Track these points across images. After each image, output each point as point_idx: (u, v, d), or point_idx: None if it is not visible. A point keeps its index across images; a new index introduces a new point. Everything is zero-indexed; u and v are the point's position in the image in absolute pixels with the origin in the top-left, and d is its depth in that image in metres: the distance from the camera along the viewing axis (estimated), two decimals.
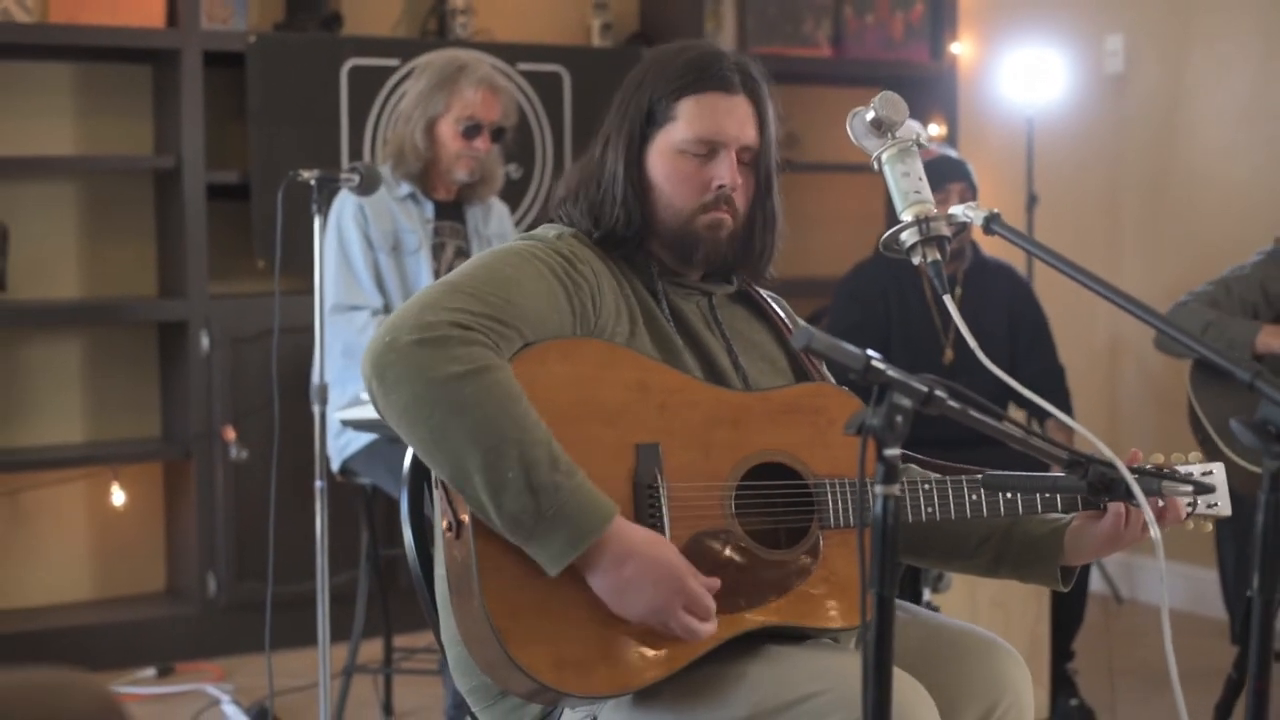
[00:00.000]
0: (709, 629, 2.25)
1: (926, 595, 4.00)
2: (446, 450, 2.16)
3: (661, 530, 2.29)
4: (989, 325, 4.57)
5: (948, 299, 2.20)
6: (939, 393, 1.90)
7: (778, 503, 2.38)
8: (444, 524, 2.27)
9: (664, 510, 2.29)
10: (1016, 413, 4.89)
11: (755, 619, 2.32)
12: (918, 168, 2.25)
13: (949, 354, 4.56)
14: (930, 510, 2.40)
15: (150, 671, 4.97)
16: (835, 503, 2.38)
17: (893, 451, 1.86)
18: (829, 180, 6.50)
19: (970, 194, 4.47)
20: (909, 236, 2.21)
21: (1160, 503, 2.32)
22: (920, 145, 2.28)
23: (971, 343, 2.16)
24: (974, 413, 1.99)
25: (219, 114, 5.33)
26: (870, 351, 1.85)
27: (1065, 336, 5.10)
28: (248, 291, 5.37)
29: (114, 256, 5.36)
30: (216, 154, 5.30)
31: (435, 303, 2.20)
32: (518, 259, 2.33)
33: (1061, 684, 4.46)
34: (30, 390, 5.22)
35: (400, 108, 4.32)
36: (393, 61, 5.39)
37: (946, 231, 2.21)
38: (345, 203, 4.24)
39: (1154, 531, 2.01)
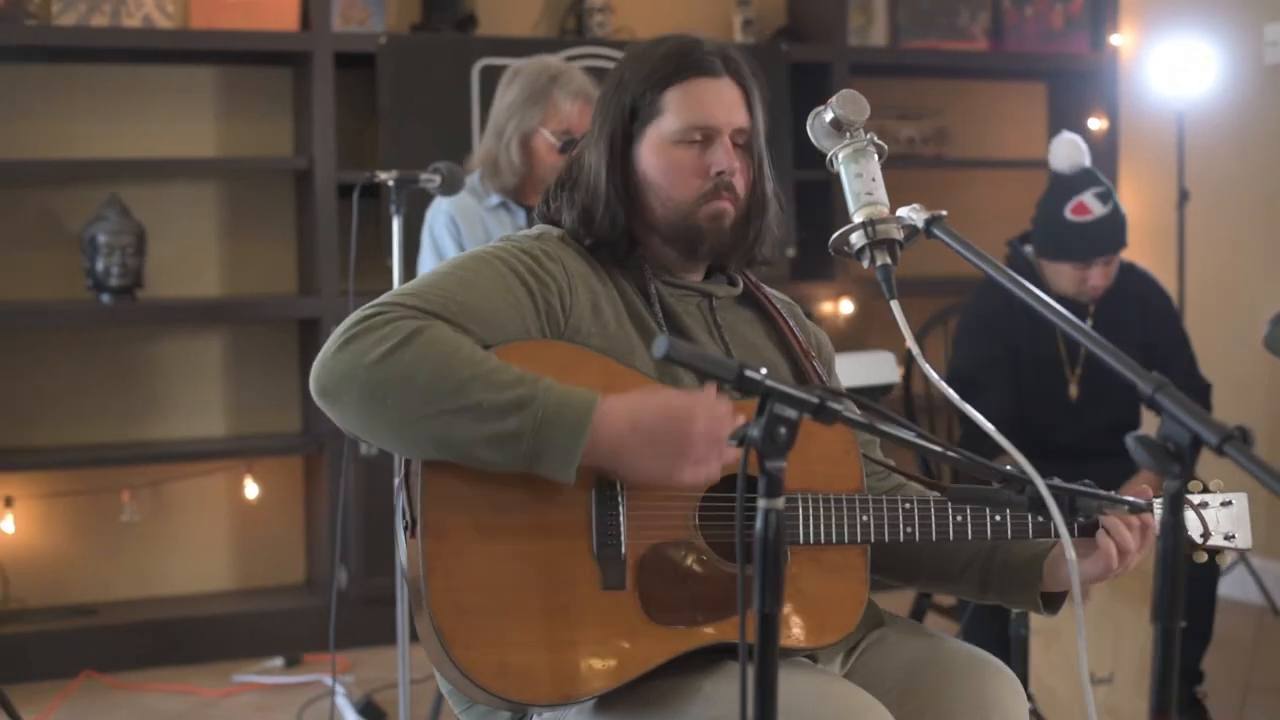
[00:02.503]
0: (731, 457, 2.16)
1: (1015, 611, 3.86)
2: (415, 422, 2.11)
3: (618, 540, 2.24)
4: (1121, 341, 4.33)
5: (895, 305, 2.11)
6: (831, 404, 1.82)
7: (746, 519, 2.30)
8: (404, 522, 2.25)
9: (621, 515, 2.23)
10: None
11: (712, 633, 2.26)
12: (871, 168, 2.18)
13: (1074, 390, 4.32)
14: (910, 530, 2.31)
15: (278, 661, 5.06)
16: (806, 518, 2.30)
17: (775, 464, 1.80)
18: (983, 176, 6.34)
19: (1117, 257, 4.23)
20: (857, 239, 2.13)
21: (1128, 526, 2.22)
22: (876, 145, 2.19)
23: (924, 367, 2.07)
24: (882, 426, 1.91)
25: (353, 115, 5.41)
26: (748, 362, 1.78)
27: (1221, 348, 4.88)
28: (380, 289, 5.42)
29: (254, 255, 5.48)
30: (350, 154, 5.37)
31: (367, 306, 2.19)
32: (476, 261, 2.29)
33: (1188, 710, 4.25)
34: (173, 385, 5.36)
35: (492, 119, 4.22)
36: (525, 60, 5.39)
37: (898, 235, 2.13)
38: (436, 214, 4.21)
39: (1069, 552, 1.89)
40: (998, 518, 2.31)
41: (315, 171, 5.22)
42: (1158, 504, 2.38)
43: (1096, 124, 6.16)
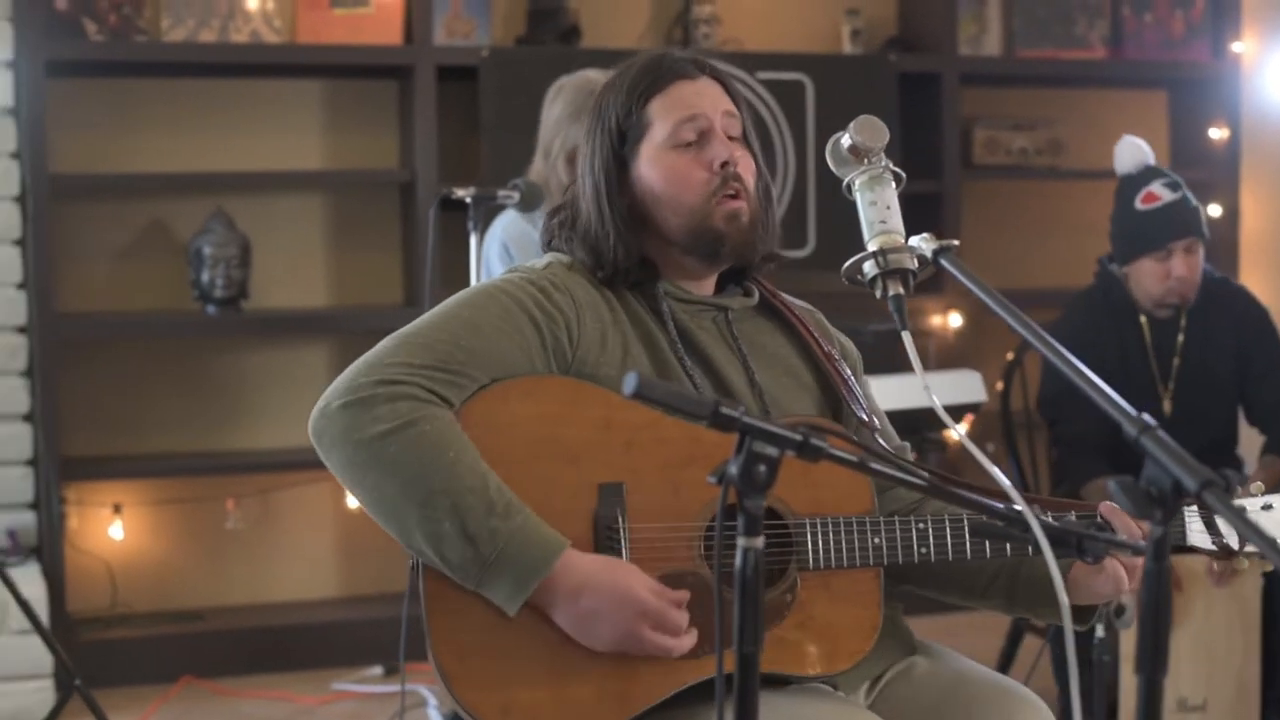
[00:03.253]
0: (684, 644, 2.19)
1: (1099, 631, 3.77)
2: (384, 509, 2.17)
3: None
4: (1213, 359, 4.22)
5: (905, 336, 2.08)
6: (815, 441, 1.79)
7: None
8: (410, 561, 2.27)
9: (624, 551, 2.23)
10: (1250, 451, 4.53)
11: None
12: (887, 195, 2.14)
13: (1166, 405, 4.21)
14: (924, 551, 2.29)
15: (377, 670, 5.11)
16: (815, 543, 2.27)
17: (754, 502, 1.77)
18: (1100, 188, 6.19)
19: (1198, 244, 4.13)
20: (870, 268, 2.09)
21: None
22: (893, 172, 2.15)
23: (921, 379, 2.03)
24: (874, 464, 1.87)
25: (457, 127, 5.44)
26: (722, 399, 1.75)
27: None
28: None
29: (360, 267, 5.54)
30: (453, 167, 5.41)
31: (375, 360, 2.22)
32: (482, 298, 2.30)
33: None
34: (278, 395, 5.43)
35: (540, 138, 4.17)
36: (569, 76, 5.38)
37: (911, 264, 2.09)
38: (491, 242, 4.17)
39: (1061, 597, 1.84)
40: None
41: (417, 184, 5.26)
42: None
43: (1217, 133, 6.01)
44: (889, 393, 4.22)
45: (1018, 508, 1.88)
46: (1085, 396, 4.11)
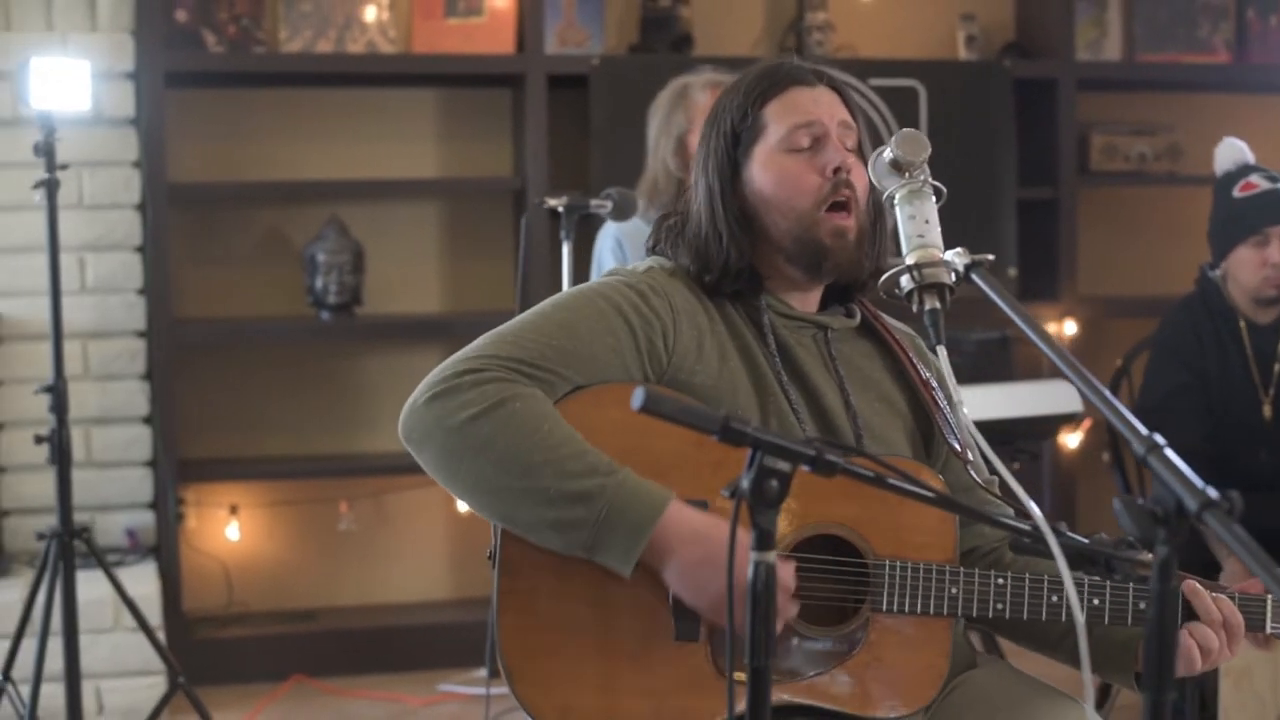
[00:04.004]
0: (791, 609, 2.17)
1: None
2: (486, 492, 2.17)
3: None
4: None
5: (941, 350, 2.07)
6: (830, 456, 1.79)
7: (831, 578, 2.28)
8: (489, 552, 2.29)
9: None
10: None
11: (779, 695, 2.23)
12: (926, 210, 2.13)
13: (1267, 411, 4.15)
14: (1000, 607, 2.25)
15: (483, 672, 5.16)
16: (892, 586, 2.25)
17: (766, 516, 1.78)
18: None
19: (1270, 181, 4.09)
20: (906, 282, 2.09)
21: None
22: (934, 186, 2.15)
23: (955, 395, 2.03)
24: (892, 480, 1.87)
25: (568, 136, 5.48)
26: (729, 414, 1.76)
27: None
28: None
29: (473, 273, 5.60)
30: (565, 175, 5.45)
31: (461, 357, 2.23)
32: (579, 300, 2.31)
33: None
34: (391, 399, 5.51)
35: (649, 146, 4.28)
36: None
37: (947, 279, 2.08)
38: (604, 238, 4.27)
39: (1083, 650, 1.82)
40: (1095, 602, 2.24)
41: (528, 192, 5.31)
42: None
43: None
44: (987, 402, 4.20)
45: (1038, 524, 1.86)
46: (1191, 406, 4.09)
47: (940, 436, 2.43)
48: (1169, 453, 1.64)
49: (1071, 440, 5.62)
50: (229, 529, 5.37)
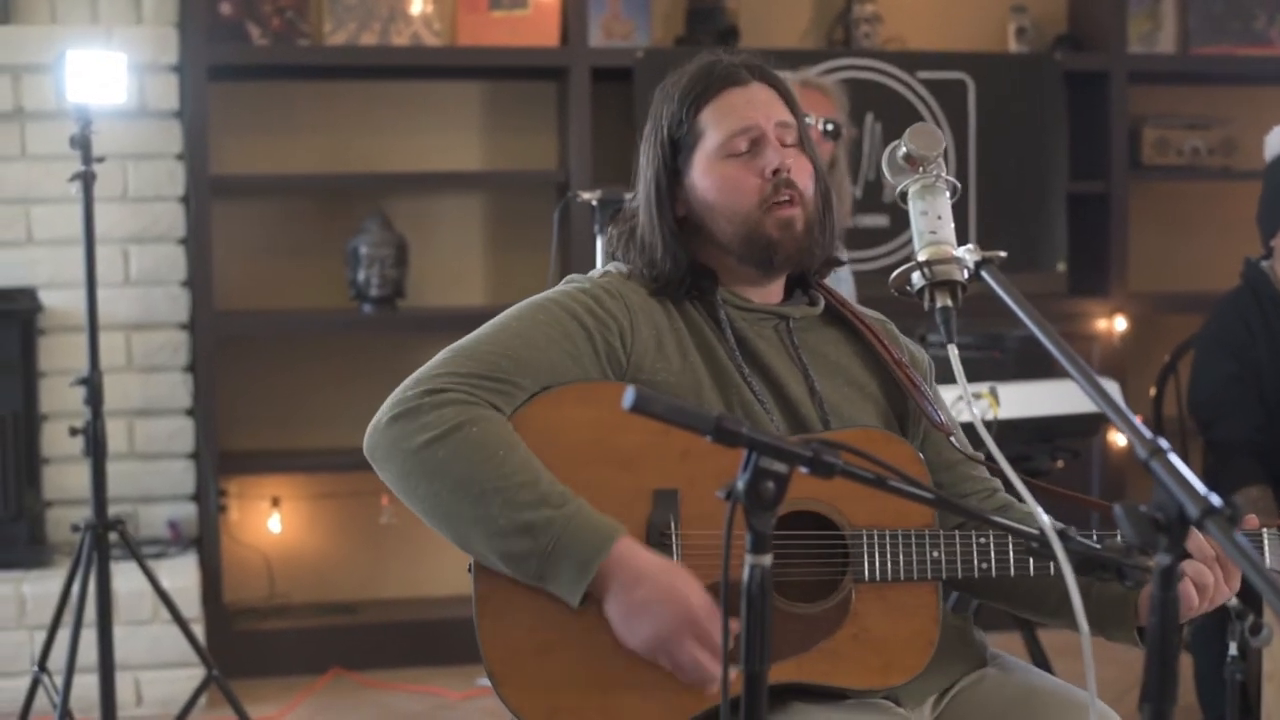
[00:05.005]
0: (715, 672, 2.15)
1: (1233, 649, 3.64)
2: (440, 516, 2.19)
3: None
4: None
5: (951, 349, 2.03)
6: (828, 457, 1.76)
7: (809, 554, 2.25)
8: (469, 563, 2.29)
9: (676, 558, 2.22)
10: None
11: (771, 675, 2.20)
12: (939, 205, 2.09)
13: None
14: (985, 566, 2.24)
15: None
16: (872, 555, 2.24)
17: (761, 520, 1.74)
18: None
19: None
20: (918, 279, 2.05)
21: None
22: (948, 181, 2.10)
23: (965, 392, 1.99)
24: (894, 483, 1.83)
25: (613, 129, 5.45)
26: (722, 414, 1.73)
27: None
28: None
29: (517, 266, 5.58)
30: (609, 168, 5.42)
31: (421, 375, 2.24)
32: (531, 309, 2.31)
33: None
34: None
35: None
36: (785, 73, 5.35)
37: (959, 276, 2.03)
38: None
39: (1081, 624, 1.78)
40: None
41: (571, 185, 5.28)
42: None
43: None
44: (1030, 399, 4.15)
45: (1044, 528, 1.82)
46: (1242, 396, 4.03)
47: (917, 415, 2.41)
48: (1172, 457, 1.60)
49: (1121, 437, 5.53)
50: (270, 521, 5.38)
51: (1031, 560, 2.22)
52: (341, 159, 5.42)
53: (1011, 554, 2.23)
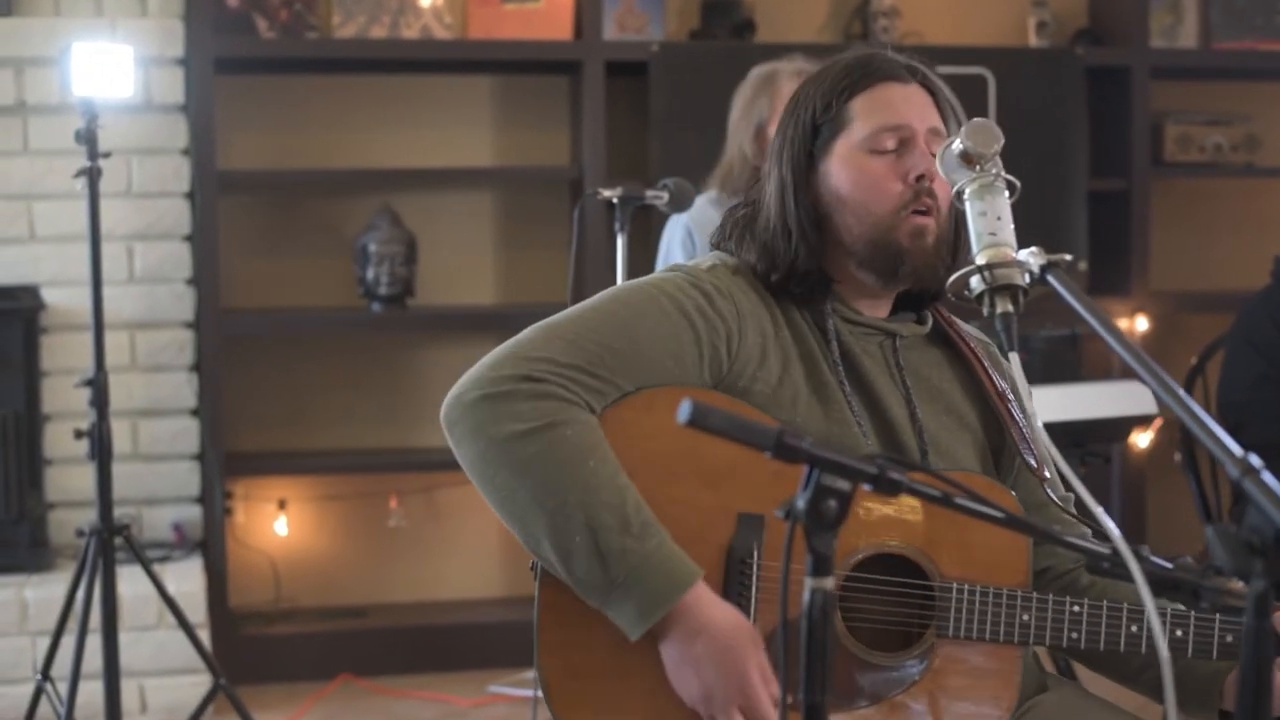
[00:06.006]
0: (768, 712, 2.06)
1: None
2: (513, 512, 2.07)
3: (747, 611, 2.11)
4: None
5: (1014, 356, 1.92)
6: (894, 474, 1.65)
7: (893, 601, 2.14)
8: (532, 562, 2.18)
9: (754, 590, 2.11)
10: None
11: None
12: (998, 205, 1.98)
13: None
14: (1075, 636, 2.11)
15: (532, 674, 5.03)
16: (960, 610, 2.11)
17: (823, 540, 1.64)
18: None
19: None
20: (977, 284, 1.94)
21: None
22: (1007, 180, 2.00)
23: (1029, 406, 1.89)
24: (960, 500, 1.73)
25: (628, 124, 5.35)
26: (789, 428, 1.63)
27: None
28: None
29: (529, 264, 5.48)
30: (624, 164, 5.32)
31: (518, 353, 2.10)
32: (641, 296, 2.17)
33: None
34: (444, 392, 5.37)
35: (729, 133, 4.16)
36: (781, 64, 5.25)
37: (1020, 280, 1.93)
38: (674, 228, 4.15)
39: (1163, 654, 1.67)
40: (1179, 633, 2.08)
41: (585, 181, 5.18)
42: None
43: None
44: (1057, 403, 4.05)
45: (1119, 548, 1.71)
46: (1273, 397, 3.93)
47: (1013, 451, 2.29)
48: (1267, 476, 1.50)
49: (1141, 440, 5.45)
50: (277, 524, 5.28)
51: (1124, 636, 2.09)
52: (350, 154, 5.32)
53: (1104, 625, 2.10)
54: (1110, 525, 1.74)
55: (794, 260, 2.22)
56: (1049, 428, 3.99)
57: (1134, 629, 2.08)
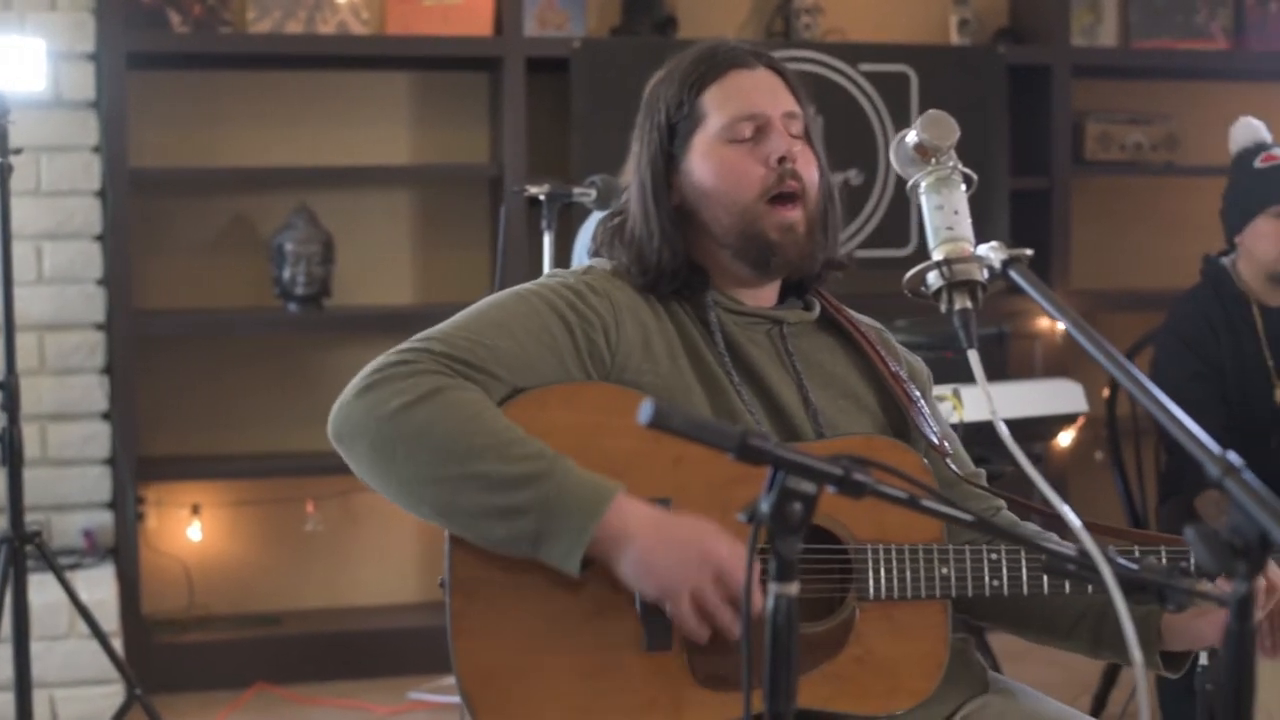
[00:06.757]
0: (735, 628, 1.99)
1: (1203, 658, 3.53)
2: (422, 484, 2.00)
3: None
4: None
5: (972, 355, 1.88)
6: (859, 476, 1.60)
7: (810, 570, 2.10)
8: (441, 578, 2.12)
9: None
10: None
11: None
12: (955, 199, 1.94)
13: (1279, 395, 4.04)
14: (996, 584, 2.10)
15: (452, 679, 4.95)
16: (878, 572, 2.09)
17: (788, 544, 1.58)
18: (1219, 185, 5.91)
19: None
20: (934, 279, 1.89)
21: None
22: (963, 173, 1.95)
23: (990, 405, 1.84)
24: (929, 503, 1.68)
25: (548, 122, 5.28)
26: (751, 429, 1.57)
27: None
28: None
29: (448, 264, 5.40)
30: (544, 162, 5.26)
31: (391, 353, 2.09)
32: (513, 299, 2.16)
33: None
34: None
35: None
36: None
37: (979, 276, 1.88)
38: (588, 227, 4.08)
39: (1133, 652, 1.63)
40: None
41: (505, 179, 5.11)
42: None
43: None
44: (984, 401, 4.01)
45: (1087, 549, 1.67)
46: (1207, 395, 3.93)
47: (915, 432, 2.26)
48: (1249, 476, 1.45)
49: (1064, 438, 5.44)
50: (190, 529, 5.16)
51: (1045, 576, 2.08)
52: (266, 152, 5.21)
53: (1025, 570, 2.09)
54: (1076, 521, 1.69)
55: (660, 261, 2.20)
56: (979, 427, 3.99)
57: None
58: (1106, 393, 4.49)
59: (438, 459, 1.97)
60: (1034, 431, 4.19)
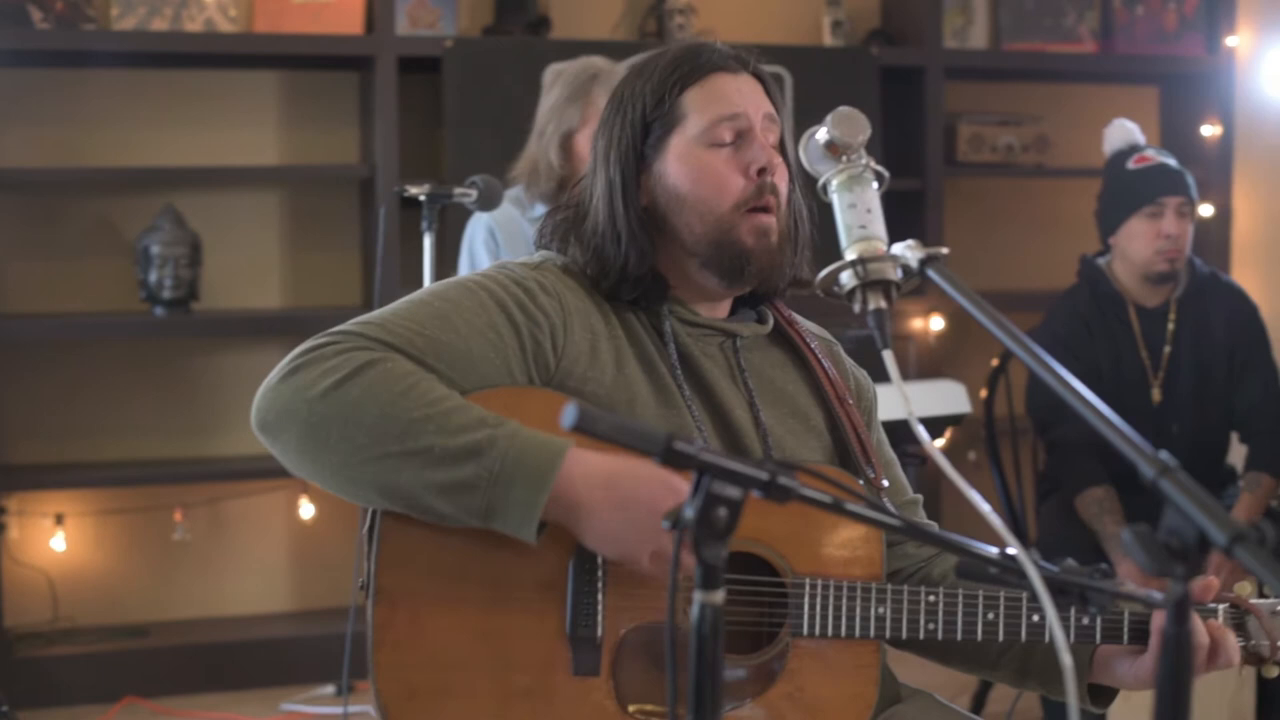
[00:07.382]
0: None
1: None
2: (360, 465, 1.88)
3: (594, 612, 2.00)
4: (1204, 348, 4.11)
5: (887, 355, 1.85)
6: (784, 480, 1.56)
7: (746, 600, 2.05)
8: (360, 581, 2.03)
9: (599, 597, 1.99)
10: (1238, 450, 4.33)
11: None
12: (868, 197, 1.90)
13: (1156, 394, 4.09)
14: (932, 627, 2.05)
15: (329, 689, 4.87)
16: (813, 607, 2.04)
17: (713, 550, 1.54)
18: (1088, 186, 5.98)
19: (1189, 209, 4.03)
20: (848, 279, 1.85)
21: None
22: (875, 171, 1.92)
23: (907, 406, 1.81)
24: (853, 507, 1.64)
25: (419, 122, 5.20)
26: (673, 433, 1.52)
27: None
28: None
29: (317, 267, 5.31)
30: (416, 163, 5.18)
31: (322, 333, 1.97)
32: (458, 290, 2.05)
33: None
34: (230, 400, 5.19)
35: (536, 123, 4.00)
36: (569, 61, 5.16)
37: (893, 275, 1.85)
38: (476, 227, 4.01)
39: (1064, 659, 1.61)
40: (1035, 618, 2.04)
41: (377, 180, 5.02)
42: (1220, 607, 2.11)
43: (1210, 130, 5.79)
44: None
45: (1012, 552, 1.64)
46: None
47: (860, 458, 2.22)
48: (1184, 476, 1.43)
49: (937, 440, 5.46)
50: (54, 540, 5.01)
51: (980, 623, 2.04)
52: (131, 152, 5.08)
53: (960, 615, 2.05)
54: (1009, 534, 1.67)
55: (624, 265, 2.13)
56: (889, 427, 3.98)
57: (990, 616, 2.04)
58: (984, 393, 4.50)
59: (375, 436, 1.87)
60: (911, 433, 4.18)
